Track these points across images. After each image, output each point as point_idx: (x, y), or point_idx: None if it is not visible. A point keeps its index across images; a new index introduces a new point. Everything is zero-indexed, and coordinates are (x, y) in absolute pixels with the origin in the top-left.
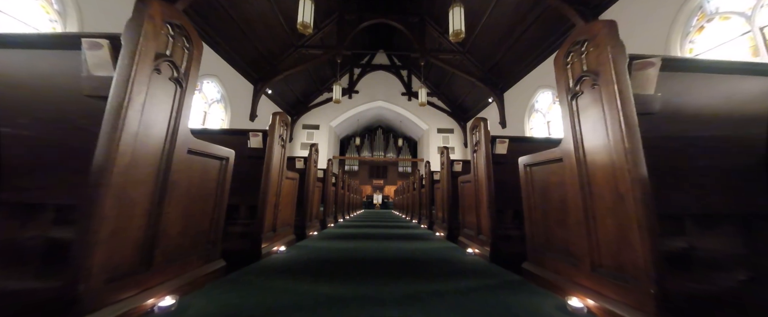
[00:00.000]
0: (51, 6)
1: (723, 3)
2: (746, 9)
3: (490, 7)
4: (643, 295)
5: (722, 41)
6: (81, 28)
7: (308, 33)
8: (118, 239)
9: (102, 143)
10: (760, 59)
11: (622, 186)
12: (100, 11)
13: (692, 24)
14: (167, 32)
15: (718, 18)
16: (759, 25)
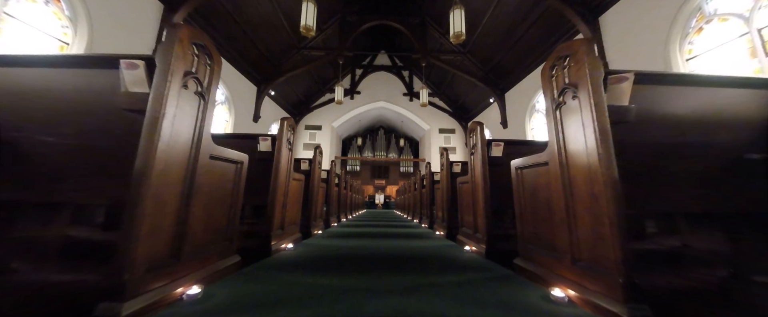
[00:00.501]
0: (62, 12)
1: (721, 4)
2: (744, 11)
3: (491, 7)
4: (613, 285)
5: (721, 43)
6: (91, 33)
7: (311, 36)
8: (154, 234)
9: (141, 151)
10: (758, 61)
11: (597, 187)
12: (109, 16)
13: (691, 25)
14: (192, 51)
15: (717, 19)
16: (757, 26)
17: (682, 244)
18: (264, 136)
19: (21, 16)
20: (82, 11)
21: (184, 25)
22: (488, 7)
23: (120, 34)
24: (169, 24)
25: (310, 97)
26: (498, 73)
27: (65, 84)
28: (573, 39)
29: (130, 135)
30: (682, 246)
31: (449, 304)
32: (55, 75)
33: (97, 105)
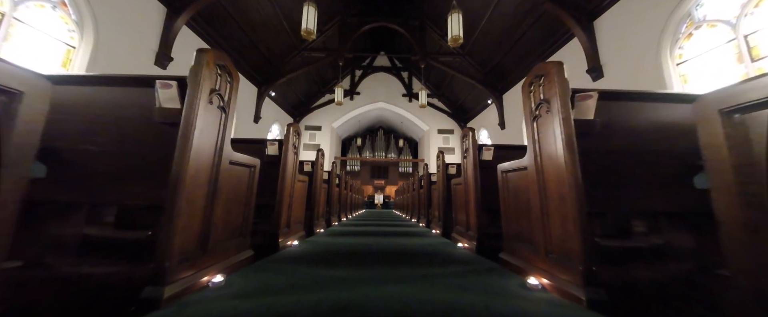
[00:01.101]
0: (69, 16)
1: (710, 11)
2: (732, 17)
3: (489, 10)
4: (576, 272)
5: (709, 48)
6: (97, 37)
7: (312, 39)
8: (186, 230)
9: (176, 159)
10: (744, 66)
11: (564, 190)
12: (114, 20)
13: (681, 30)
14: (216, 71)
15: (706, 25)
16: (743, 33)
17: (640, 239)
18: (272, 141)
19: (30, 20)
20: (88, 15)
21: (210, 49)
22: (486, 10)
23: (125, 37)
24: (199, 49)
25: (310, 98)
26: (496, 75)
27: (108, 101)
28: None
29: (163, 144)
30: (640, 241)
31: (438, 291)
32: (98, 92)
33: (135, 118)
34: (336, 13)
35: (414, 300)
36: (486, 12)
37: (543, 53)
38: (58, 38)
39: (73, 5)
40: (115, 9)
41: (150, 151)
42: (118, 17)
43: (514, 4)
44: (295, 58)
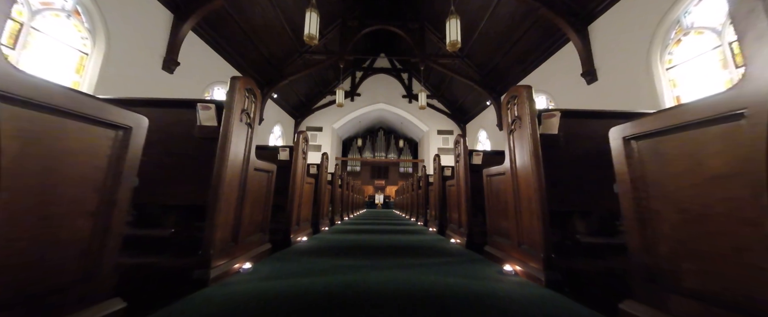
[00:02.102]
0: (82, 25)
1: (698, 18)
2: (718, 25)
3: (487, 14)
4: (539, 260)
5: (697, 54)
6: (108, 43)
7: (314, 44)
8: (224, 225)
9: (216, 168)
10: (728, 72)
11: (531, 192)
12: (124, 27)
13: (671, 36)
14: (244, 94)
15: (693, 32)
16: (728, 40)
17: (595, 233)
18: (283, 147)
19: (46, 29)
20: (100, 23)
21: (241, 76)
22: (485, 13)
23: (134, 43)
24: (233, 77)
25: (312, 99)
26: (494, 77)
27: (158, 119)
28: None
29: (201, 155)
30: (595, 235)
31: (428, 276)
32: (151, 112)
33: (179, 134)
34: (337, 17)
35: (407, 281)
36: (484, 15)
37: (539, 56)
38: (72, 45)
39: (85, 14)
40: (125, 17)
41: (190, 161)
42: (128, 25)
43: (511, 9)
44: (297, 61)
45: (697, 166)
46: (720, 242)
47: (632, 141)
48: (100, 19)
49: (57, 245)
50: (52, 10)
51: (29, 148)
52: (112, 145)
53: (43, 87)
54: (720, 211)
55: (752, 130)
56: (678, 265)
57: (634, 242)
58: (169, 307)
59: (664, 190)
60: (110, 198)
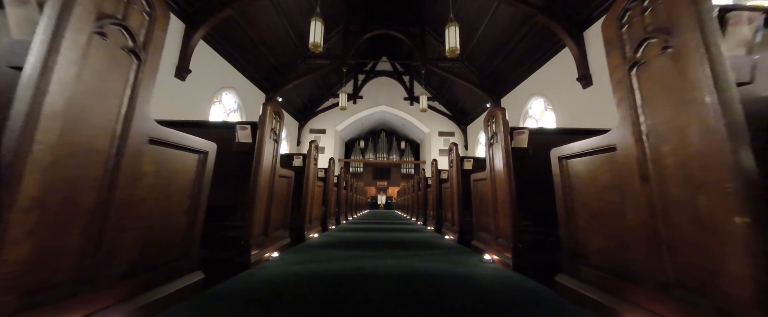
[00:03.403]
0: None
1: None
2: None
3: (485, 19)
4: (510, 250)
5: None
6: None
7: (319, 51)
8: (259, 222)
9: (253, 176)
10: None
11: (504, 195)
12: None
13: None
14: (273, 116)
15: None
16: None
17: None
18: (297, 154)
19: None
20: None
21: (271, 102)
22: (484, 19)
23: None
24: (264, 103)
25: (315, 102)
26: (494, 80)
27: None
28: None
29: (237, 166)
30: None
31: (422, 262)
32: (198, 132)
33: (222, 151)
34: (339, 22)
35: (405, 266)
36: (483, 21)
37: (537, 60)
38: None
39: None
40: None
41: (226, 170)
42: None
43: (509, 15)
44: (301, 66)
45: (595, 180)
46: (606, 231)
47: (563, 160)
48: None
49: (171, 232)
50: None
51: (159, 170)
52: (197, 164)
53: (166, 131)
54: (606, 210)
55: (620, 159)
56: (587, 247)
57: (563, 232)
58: (227, 281)
59: (579, 195)
60: (196, 201)
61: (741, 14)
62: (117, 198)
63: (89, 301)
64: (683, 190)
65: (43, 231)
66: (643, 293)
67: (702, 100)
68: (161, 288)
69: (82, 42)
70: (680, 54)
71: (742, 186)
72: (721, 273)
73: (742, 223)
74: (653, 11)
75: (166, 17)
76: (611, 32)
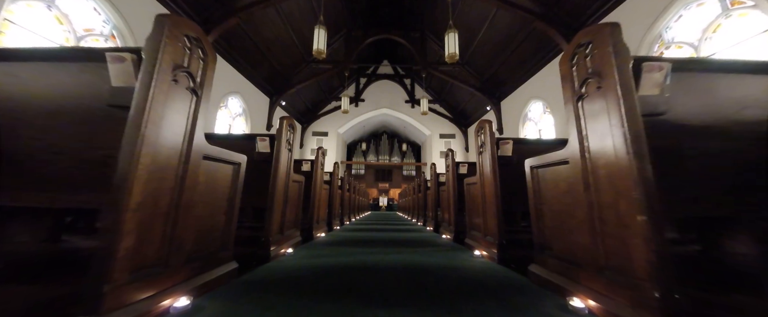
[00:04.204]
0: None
1: (678, 34)
2: (695, 40)
3: (485, 25)
4: (495, 246)
5: None
6: None
7: (322, 57)
8: (276, 222)
9: (271, 182)
10: None
11: (491, 198)
12: None
13: (654, 50)
14: (288, 129)
15: (674, 46)
16: (703, 54)
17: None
18: (306, 160)
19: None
20: (132, 44)
21: (287, 116)
22: (483, 24)
23: None
24: (281, 117)
25: (317, 105)
26: (494, 83)
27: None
28: (484, 119)
29: (258, 173)
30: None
31: (420, 257)
32: (224, 143)
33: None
34: (341, 27)
35: (404, 260)
36: (482, 26)
37: (536, 64)
38: None
39: (120, 37)
40: None
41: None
42: None
43: (507, 21)
44: (304, 70)
45: (556, 186)
46: (564, 227)
47: (535, 169)
48: (132, 40)
49: (214, 229)
50: (93, 36)
51: (208, 180)
52: (232, 173)
53: (213, 148)
54: (564, 211)
55: (571, 170)
56: (550, 241)
57: (534, 229)
58: (253, 271)
59: (546, 199)
60: (232, 204)
61: (653, 63)
62: (182, 203)
63: (166, 279)
64: (610, 196)
65: (141, 227)
66: (586, 275)
67: (618, 128)
68: (208, 274)
69: (164, 88)
70: (606, 92)
71: (643, 194)
72: (632, 258)
73: (642, 221)
74: (591, 57)
75: (215, 60)
76: (565, 69)
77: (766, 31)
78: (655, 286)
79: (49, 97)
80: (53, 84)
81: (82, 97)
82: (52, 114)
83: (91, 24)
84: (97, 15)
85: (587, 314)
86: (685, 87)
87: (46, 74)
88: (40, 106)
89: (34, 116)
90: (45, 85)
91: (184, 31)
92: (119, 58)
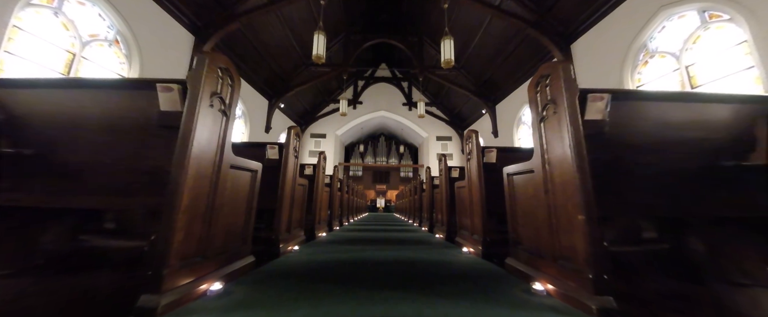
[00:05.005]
0: (121, 51)
1: (661, 44)
2: (676, 50)
3: (480, 30)
4: (480, 243)
5: (660, 75)
6: (142, 66)
7: (322, 62)
8: (284, 222)
9: (280, 186)
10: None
11: (477, 200)
12: (154, 51)
13: (639, 58)
14: (295, 138)
15: (658, 55)
16: (685, 64)
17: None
18: (308, 164)
19: (92, 57)
20: (135, 49)
21: (294, 126)
22: (478, 30)
23: (161, 64)
24: (289, 127)
25: (316, 107)
26: (489, 87)
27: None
28: (471, 129)
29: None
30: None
31: (414, 253)
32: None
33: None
34: (340, 31)
35: (399, 255)
36: (477, 32)
37: (530, 69)
38: (113, 70)
39: (123, 42)
40: (155, 42)
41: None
42: (157, 49)
43: (502, 27)
44: (303, 73)
45: (525, 191)
46: (531, 225)
47: (510, 176)
48: (135, 45)
49: (236, 227)
50: (97, 41)
51: (233, 185)
52: (250, 179)
53: (238, 159)
54: (530, 212)
55: (536, 178)
56: (521, 237)
57: (510, 227)
58: (266, 265)
59: (519, 202)
60: (250, 206)
61: (596, 94)
62: (215, 205)
63: (203, 268)
64: (562, 199)
65: (188, 225)
66: (544, 264)
67: (567, 145)
68: (233, 265)
69: (204, 112)
70: (560, 117)
71: (583, 198)
72: (576, 249)
73: (582, 220)
74: (549, 86)
75: (240, 84)
76: (532, 94)
77: (740, 43)
78: (590, 270)
79: (107, 118)
80: (111, 108)
81: (136, 119)
82: (109, 132)
83: (96, 29)
84: (102, 20)
85: (545, 295)
86: (627, 112)
87: (105, 100)
88: (99, 126)
89: (94, 134)
90: (104, 108)
91: (218, 64)
92: (167, 88)
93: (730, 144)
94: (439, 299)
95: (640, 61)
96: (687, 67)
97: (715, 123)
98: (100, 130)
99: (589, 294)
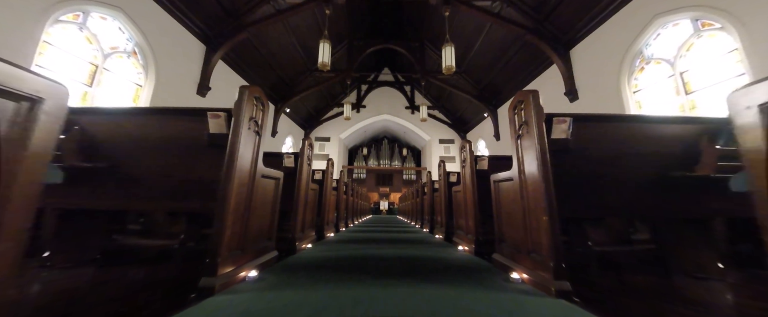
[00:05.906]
0: (138, 62)
1: (656, 50)
2: (671, 57)
3: (481, 36)
4: (473, 242)
5: (656, 81)
6: (158, 75)
7: (327, 69)
8: (298, 223)
9: (296, 190)
10: (680, 98)
11: (471, 202)
12: (169, 60)
13: (636, 64)
14: (309, 148)
15: (653, 62)
16: (679, 70)
17: None
18: (317, 170)
19: (113, 68)
20: (151, 59)
21: (308, 138)
22: (479, 36)
23: (175, 73)
24: (303, 138)
25: (320, 111)
26: (490, 91)
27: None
28: (464, 139)
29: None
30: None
31: (415, 251)
32: None
33: None
34: (344, 37)
35: (402, 253)
36: (478, 38)
37: (530, 74)
38: (131, 80)
39: (141, 53)
40: (170, 52)
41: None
42: (171, 58)
43: (502, 33)
44: (307, 78)
45: (508, 196)
46: (512, 225)
47: (496, 182)
48: (152, 56)
49: (264, 226)
50: (117, 53)
51: (262, 191)
52: (275, 186)
53: (266, 169)
54: (511, 214)
55: (515, 185)
56: (505, 235)
57: (495, 227)
58: (285, 259)
59: (503, 205)
60: (275, 208)
61: (560, 118)
62: (251, 208)
63: (242, 259)
64: (533, 203)
65: (233, 224)
66: (521, 257)
67: (536, 159)
68: (262, 257)
69: (244, 133)
70: (531, 136)
71: (547, 203)
72: (542, 243)
73: (545, 220)
74: (523, 110)
75: (269, 107)
76: (511, 115)
77: (732, 51)
78: (551, 259)
79: (163, 138)
80: (168, 130)
81: (188, 139)
82: (165, 150)
83: (116, 42)
84: (121, 33)
85: (520, 282)
86: (589, 132)
87: (162, 124)
88: (157, 145)
89: (151, 151)
90: (161, 130)
91: (254, 94)
92: (216, 115)
93: (679, 158)
94: (431, 284)
95: (637, 67)
96: (681, 74)
97: (666, 139)
98: (157, 148)
99: (551, 279)
